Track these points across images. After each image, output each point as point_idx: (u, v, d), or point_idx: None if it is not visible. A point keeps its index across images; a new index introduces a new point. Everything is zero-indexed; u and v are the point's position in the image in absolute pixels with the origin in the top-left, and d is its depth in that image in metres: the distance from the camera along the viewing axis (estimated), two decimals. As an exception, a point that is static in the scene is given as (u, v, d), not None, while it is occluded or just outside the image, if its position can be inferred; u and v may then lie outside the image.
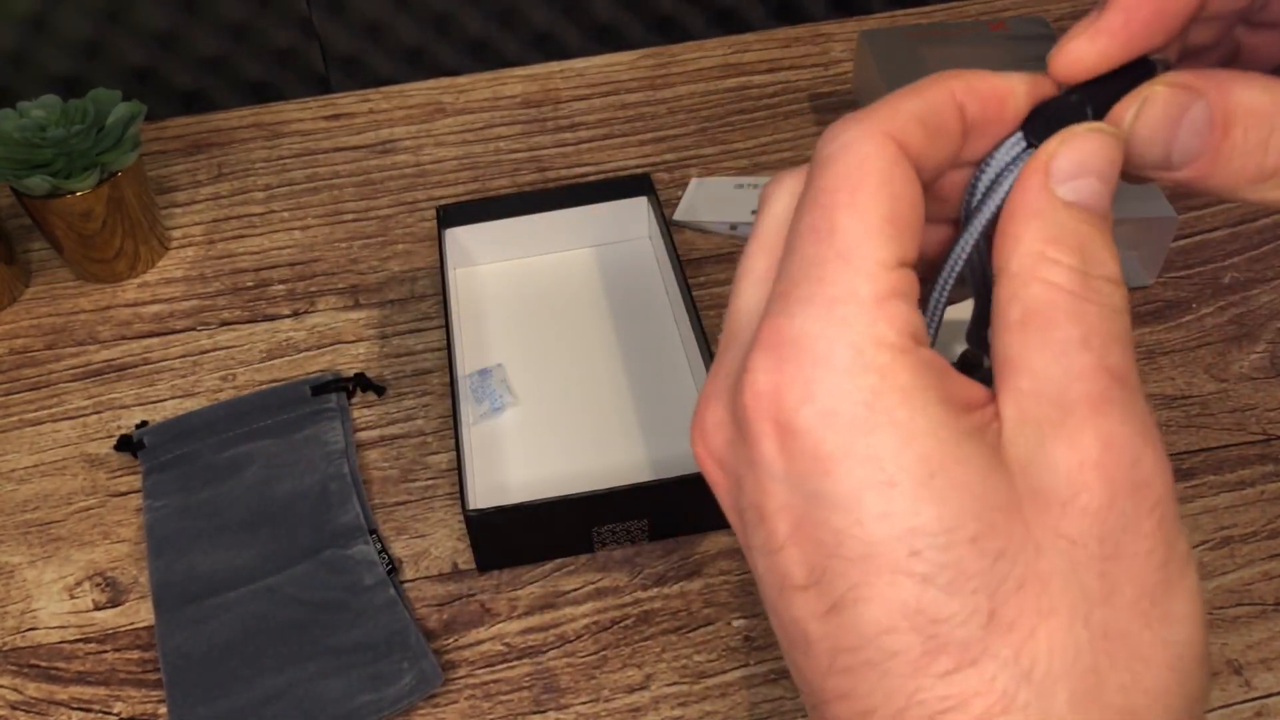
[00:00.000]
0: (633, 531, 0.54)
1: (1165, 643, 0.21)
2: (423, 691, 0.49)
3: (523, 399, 0.62)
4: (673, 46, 0.90)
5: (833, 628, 0.21)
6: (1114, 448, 0.21)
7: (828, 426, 0.21)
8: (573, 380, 0.63)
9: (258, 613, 0.53)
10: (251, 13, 0.85)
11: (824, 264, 0.22)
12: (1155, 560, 0.21)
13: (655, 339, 0.65)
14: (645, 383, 0.63)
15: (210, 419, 0.61)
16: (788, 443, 0.22)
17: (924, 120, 0.23)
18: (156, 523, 0.57)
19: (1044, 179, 0.23)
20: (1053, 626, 0.20)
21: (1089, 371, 0.21)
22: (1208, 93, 0.23)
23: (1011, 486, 0.21)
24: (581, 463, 0.59)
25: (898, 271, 0.22)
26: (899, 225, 0.22)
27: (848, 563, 0.21)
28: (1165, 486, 0.21)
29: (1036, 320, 0.22)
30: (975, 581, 0.20)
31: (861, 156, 0.22)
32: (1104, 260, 0.22)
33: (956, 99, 0.23)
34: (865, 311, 0.21)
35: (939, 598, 0.20)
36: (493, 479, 0.58)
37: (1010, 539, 0.20)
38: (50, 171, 0.65)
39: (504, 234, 0.69)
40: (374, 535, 0.55)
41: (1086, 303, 0.22)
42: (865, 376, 0.21)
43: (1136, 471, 0.21)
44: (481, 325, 0.67)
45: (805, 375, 0.21)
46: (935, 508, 0.20)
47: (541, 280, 0.70)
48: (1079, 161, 0.23)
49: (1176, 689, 0.21)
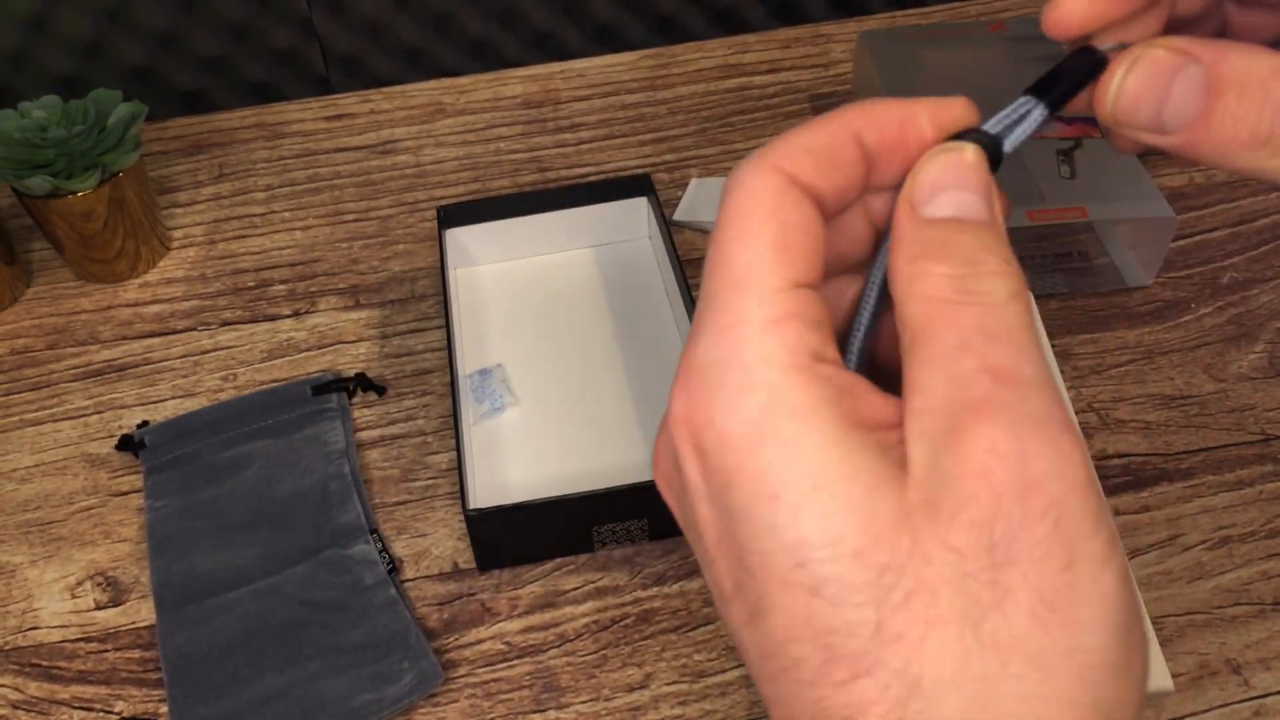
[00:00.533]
0: (632, 531, 0.55)
1: (1069, 650, 0.20)
2: (423, 691, 0.50)
3: (523, 399, 0.62)
4: (673, 47, 0.90)
5: (755, 635, 0.22)
6: (998, 453, 0.21)
7: (725, 445, 0.22)
8: (573, 380, 0.63)
9: (258, 612, 0.53)
10: (252, 13, 0.85)
11: (720, 294, 0.23)
12: (1054, 565, 0.20)
13: (655, 339, 0.65)
14: (645, 383, 0.63)
15: (211, 419, 0.61)
16: (703, 462, 0.23)
17: (814, 151, 0.24)
18: (157, 522, 0.57)
19: (908, 209, 0.24)
20: (942, 636, 0.20)
21: (970, 376, 0.21)
22: (1202, 57, 0.23)
23: (903, 499, 0.21)
24: (581, 463, 0.59)
25: (792, 293, 0.23)
26: (790, 250, 0.23)
27: (752, 574, 0.22)
28: (1063, 486, 0.21)
29: (919, 337, 0.22)
30: (861, 594, 0.21)
31: (749, 190, 0.23)
32: (984, 259, 0.23)
33: (853, 129, 0.25)
34: (756, 333, 0.22)
35: (827, 609, 0.21)
36: (493, 479, 0.58)
37: (896, 551, 0.21)
38: (51, 172, 0.66)
39: (504, 234, 0.69)
40: (374, 535, 0.56)
41: (962, 306, 0.22)
42: (754, 395, 0.22)
43: (1025, 475, 0.21)
44: (482, 325, 0.67)
45: (705, 399, 0.23)
46: (818, 522, 0.21)
47: (542, 280, 0.70)
48: (931, 182, 0.24)
49: (1086, 700, 0.20)
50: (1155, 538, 0.54)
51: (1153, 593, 0.52)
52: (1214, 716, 0.48)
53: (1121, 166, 0.67)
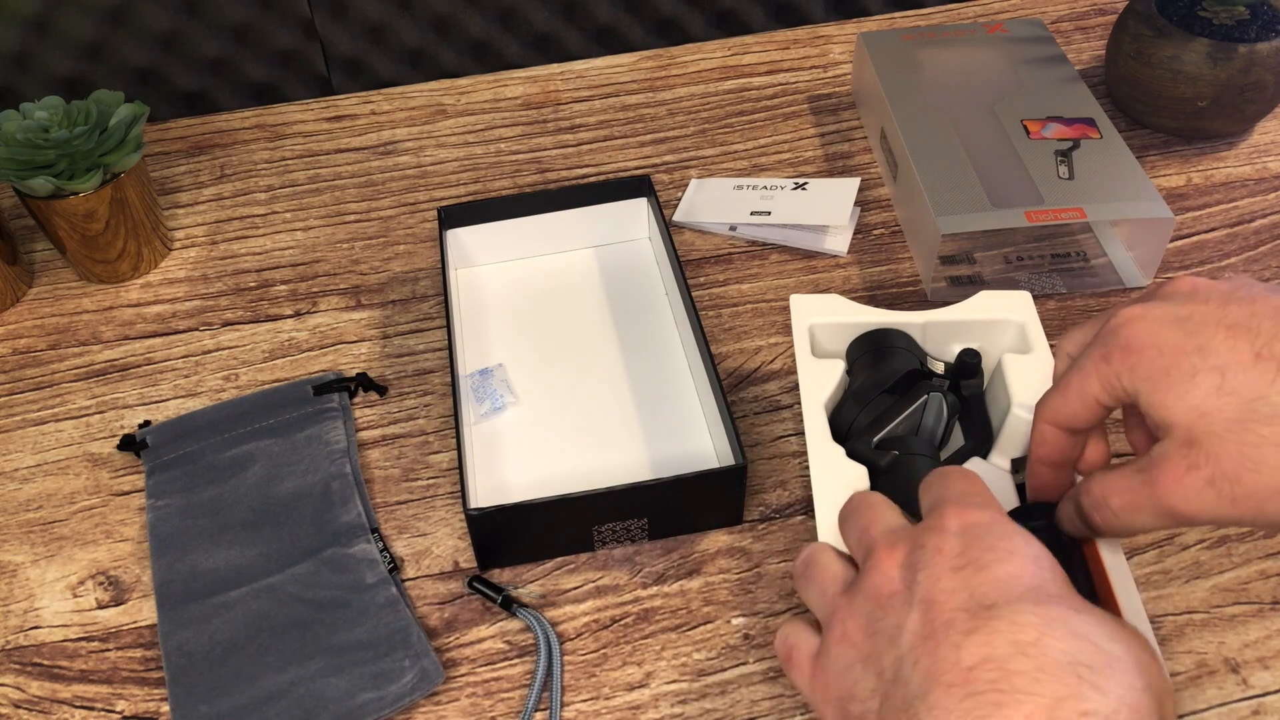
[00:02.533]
0: (633, 530, 0.55)
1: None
2: (424, 689, 0.50)
3: (523, 399, 0.63)
4: (673, 48, 0.90)
5: None
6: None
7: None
8: (573, 380, 0.64)
9: (260, 611, 0.53)
10: (253, 14, 0.85)
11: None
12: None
13: (655, 339, 0.66)
14: (645, 382, 0.63)
15: (213, 419, 0.62)
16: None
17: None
18: (159, 522, 0.57)
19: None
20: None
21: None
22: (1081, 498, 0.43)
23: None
24: (581, 462, 0.59)
25: None
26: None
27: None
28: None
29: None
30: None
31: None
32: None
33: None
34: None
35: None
36: (493, 478, 0.59)
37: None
38: (53, 172, 0.66)
39: (505, 235, 0.70)
40: (375, 534, 0.56)
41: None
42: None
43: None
44: (482, 325, 0.67)
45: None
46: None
47: (542, 281, 0.70)
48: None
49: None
50: (1154, 537, 0.54)
51: (1151, 592, 0.52)
52: (1213, 716, 0.48)
53: (1120, 167, 0.67)
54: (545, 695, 0.50)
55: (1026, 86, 0.74)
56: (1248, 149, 0.77)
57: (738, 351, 0.65)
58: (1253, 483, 0.36)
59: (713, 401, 0.58)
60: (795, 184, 0.75)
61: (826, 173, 0.78)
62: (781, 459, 0.59)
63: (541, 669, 0.50)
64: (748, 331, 0.66)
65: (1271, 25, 0.73)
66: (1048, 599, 0.34)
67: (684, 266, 0.64)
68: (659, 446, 0.60)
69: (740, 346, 0.66)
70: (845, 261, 0.71)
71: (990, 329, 0.58)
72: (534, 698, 0.49)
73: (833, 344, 0.58)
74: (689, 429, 0.60)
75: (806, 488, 0.58)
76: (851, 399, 0.55)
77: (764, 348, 0.65)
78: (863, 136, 0.80)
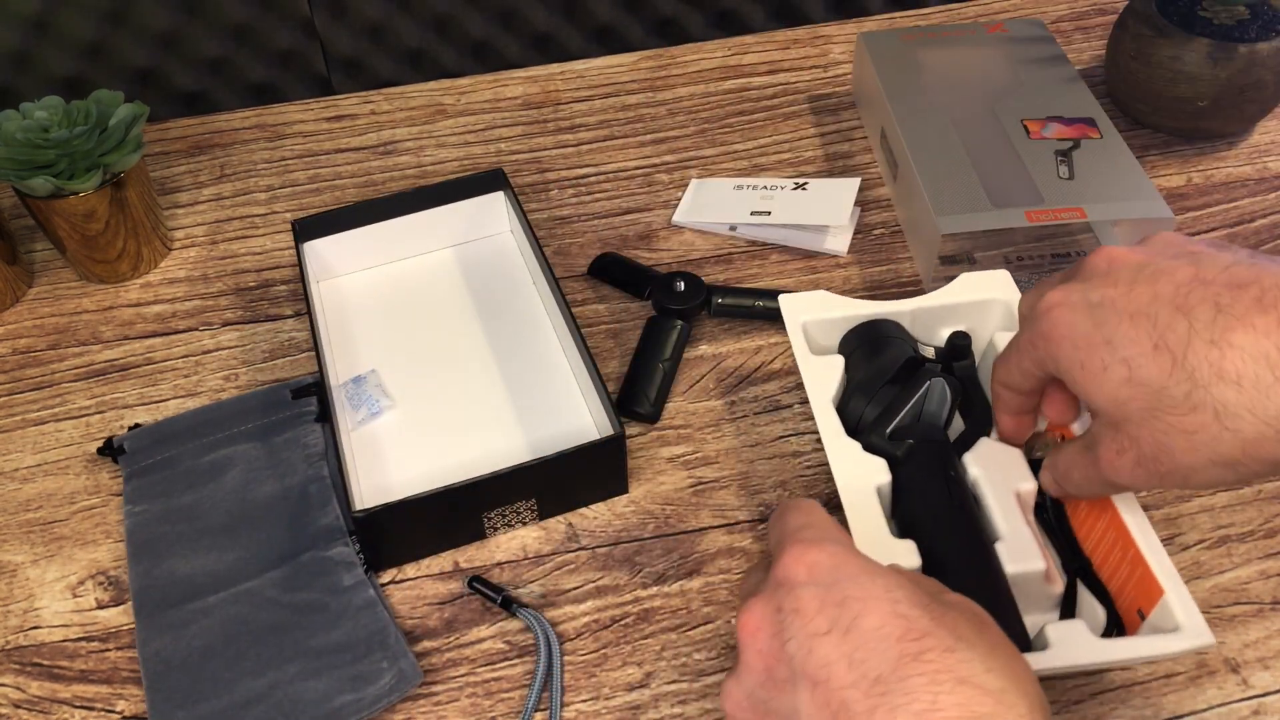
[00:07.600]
0: (522, 513, 0.55)
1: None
2: (402, 691, 0.50)
3: (400, 401, 0.63)
4: (673, 48, 0.90)
5: None
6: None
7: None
8: (447, 378, 0.64)
9: (238, 616, 0.53)
10: (253, 14, 0.85)
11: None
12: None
13: (525, 328, 0.66)
14: (519, 370, 0.64)
15: (191, 423, 0.61)
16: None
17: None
18: (137, 528, 0.57)
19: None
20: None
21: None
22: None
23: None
24: (464, 454, 0.59)
25: None
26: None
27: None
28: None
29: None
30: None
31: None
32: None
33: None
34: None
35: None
36: (377, 481, 0.58)
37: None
38: (53, 172, 0.66)
39: (364, 241, 0.69)
40: (353, 536, 0.55)
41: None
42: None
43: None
44: (350, 334, 0.67)
45: None
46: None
47: (407, 283, 0.70)
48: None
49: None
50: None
51: (1151, 592, 0.52)
52: (1213, 716, 0.48)
53: (1120, 167, 0.67)
54: (545, 695, 0.50)
55: (1026, 86, 0.74)
56: (1248, 149, 0.77)
57: (737, 351, 0.65)
58: (1171, 463, 0.40)
59: (587, 378, 0.59)
60: (795, 184, 0.75)
61: (826, 173, 0.78)
62: (782, 459, 0.59)
63: (541, 669, 0.50)
64: (747, 331, 0.66)
65: (1271, 25, 0.73)
66: (920, 639, 0.34)
67: (548, 256, 0.65)
68: (539, 430, 0.60)
69: (740, 346, 0.66)
70: (845, 261, 0.71)
71: (977, 310, 0.58)
72: (534, 698, 0.49)
73: (828, 339, 0.59)
74: (566, 409, 0.61)
75: (807, 487, 0.58)
76: (856, 393, 0.55)
77: (764, 347, 0.65)
78: (863, 136, 0.80)
